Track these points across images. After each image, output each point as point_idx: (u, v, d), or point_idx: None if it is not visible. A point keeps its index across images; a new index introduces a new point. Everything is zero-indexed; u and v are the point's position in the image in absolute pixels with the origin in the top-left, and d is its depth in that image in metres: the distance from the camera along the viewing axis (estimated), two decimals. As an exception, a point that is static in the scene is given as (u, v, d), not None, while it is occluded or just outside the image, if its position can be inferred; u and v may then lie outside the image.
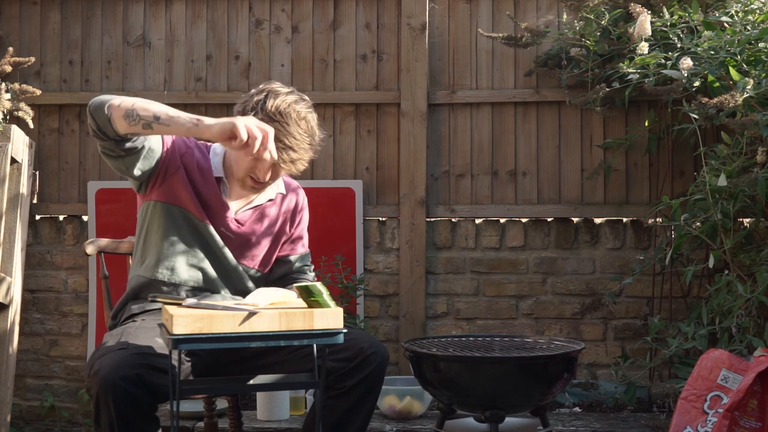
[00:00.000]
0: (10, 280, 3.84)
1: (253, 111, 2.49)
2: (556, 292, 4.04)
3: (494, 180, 4.11)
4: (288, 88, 2.57)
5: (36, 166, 4.21)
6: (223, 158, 2.66)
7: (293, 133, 2.49)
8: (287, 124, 2.49)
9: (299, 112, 2.52)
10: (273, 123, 2.46)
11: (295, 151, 2.51)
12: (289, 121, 2.49)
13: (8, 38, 4.26)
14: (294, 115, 2.50)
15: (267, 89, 2.54)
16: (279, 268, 2.80)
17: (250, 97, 2.54)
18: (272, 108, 2.48)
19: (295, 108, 2.51)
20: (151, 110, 2.37)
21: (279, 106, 2.49)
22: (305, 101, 2.57)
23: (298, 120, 2.51)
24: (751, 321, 3.20)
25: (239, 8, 4.22)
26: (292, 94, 2.55)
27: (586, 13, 3.81)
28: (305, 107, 2.55)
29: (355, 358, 2.48)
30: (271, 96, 2.51)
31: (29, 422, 4.17)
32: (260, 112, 2.48)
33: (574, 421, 3.68)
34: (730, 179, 3.25)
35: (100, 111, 2.39)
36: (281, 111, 2.49)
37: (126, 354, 2.30)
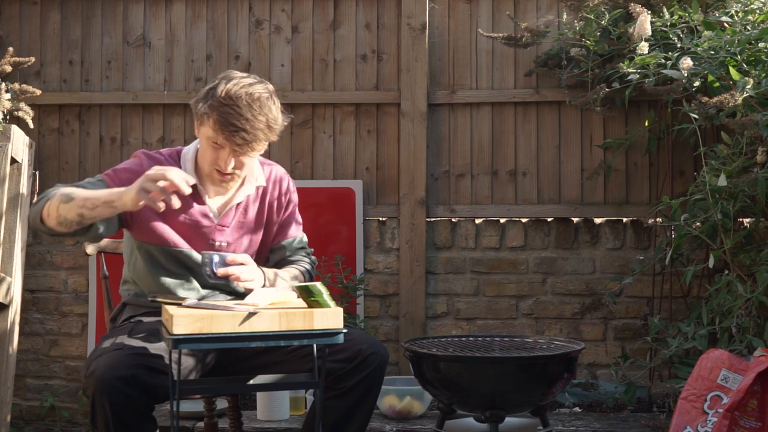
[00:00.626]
0: (10, 280, 3.84)
1: (205, 99, 2.46)
2: (556, 292, 4.04)
3: (494, 180, 4.11)
4: (246, 74, 2.53)
5: (36, 166, 4.21)
6: (194, 161, 2.62)
7: (244, 114, 2.43)
8: (237, 106, 2.43)
9: (252, 93, 2.46)
10: (223, 107, 2.42)
11: (248, 132, 2.44)
12: (239, 103, 2.43)
13: (8, 38, 4.26)
14: (245, 96, 2.44)
15: (222, 76, 2.51)
16: (273, 255, 2.76)
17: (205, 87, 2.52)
18: (222, 93, 2.44)
19: (248, 90, 2.45)
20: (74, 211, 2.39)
21: (230, 90, 2.44)
22: (263, 83, 2.51)
23: (251, 102, 2.44)
24: (751, 321, 3.20)
25: (239, 8, 4.22)
26: (247, 78, 2.50)
27: (586, 13, 3.81)
28: (260, 87, 2.49)
29: (354, 359, 2.47)
30: (224, 81, 2.47)
31: (29, 422, 4.17)
32: (211, 99, 2.45)
33: (574, 421, 3.68)
34: (730, 179, 3.25)
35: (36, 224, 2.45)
36: (231, 94, 2.44)
37: (121, 354, 2.30)
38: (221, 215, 2.64)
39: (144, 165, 2.56)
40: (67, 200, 2.39)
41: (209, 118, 2.45)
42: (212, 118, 2.44)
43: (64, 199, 2.40)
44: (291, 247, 2.77)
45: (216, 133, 2.46)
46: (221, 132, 2.44)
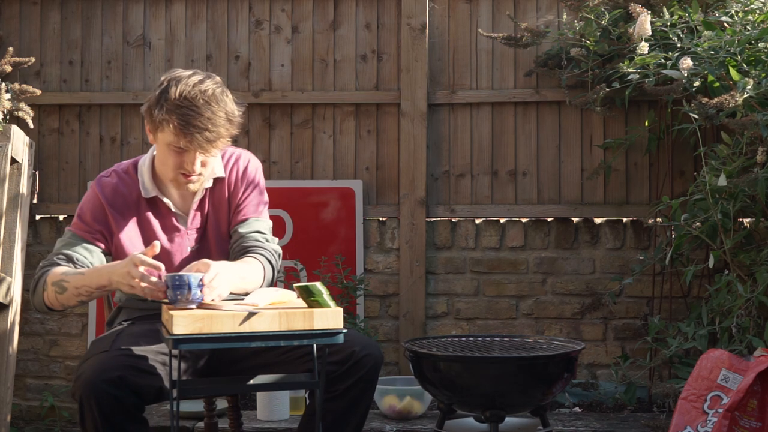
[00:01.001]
0: (10, 280, 3.84)
1: (158, 105, 2.40)
2: (556, 292, 4.04)
3: (494, 180, 4.11)
4: (191, 71, 2.46)
5: (36, 166, 4.21)
6: (152, 172, 2.58)
7: (204, 113, 2.38)
8: (196, 107, 2.37)
9: (205, 91, 2.40)
10: (180, 110, 2.37)
11: (210, 131, 2.39)
12: (197, 103, 2.37)
13: (8, 38, 4.26)
14: (201, 96, 2.38)
15: (168, 78, 2.43)
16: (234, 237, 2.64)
17: (153, 92, 2.43)
18: (176, 96, 2.38)
19: (200, 88, 2.40)
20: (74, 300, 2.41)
21: (183, 92, 2.38)
22: (212, 78, 2.46)
23: (207, 100, 2.39)
24: (751, 321, 3.20)
25: (239, 8, 4.22)
26: (195, 75, 2.43)
27: (586, 13, 3.81)
28: (212, 84, 2.43)
29: (348, 361, 2.43)
30: (173, 84, 2.40)
31: (29, 422, 4.17)
32: (165, 104, 2.39)
33: (574, 421, 3.68)
34: (730, 179, 3.25)
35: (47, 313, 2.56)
36: (186, 96, 2.38)
37: (108, 356, 2.29)
38: (188, 218, 2.60)
39: (100, 197, 2.55)
40: (61, 291, 2.41)
41: (168, 123, 2.39)
42: (172, 123, 2.38)
43: (58, 290, 2.41)
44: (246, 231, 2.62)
45: (177, 137, 2.40)
46: (183, 135, 2.39)
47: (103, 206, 2.55)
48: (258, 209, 2.66)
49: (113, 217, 2.55)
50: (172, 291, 2.20)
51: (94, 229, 2.54)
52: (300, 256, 4.01)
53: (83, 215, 2.56)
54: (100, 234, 2.54)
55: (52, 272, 2.44)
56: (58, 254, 2.50)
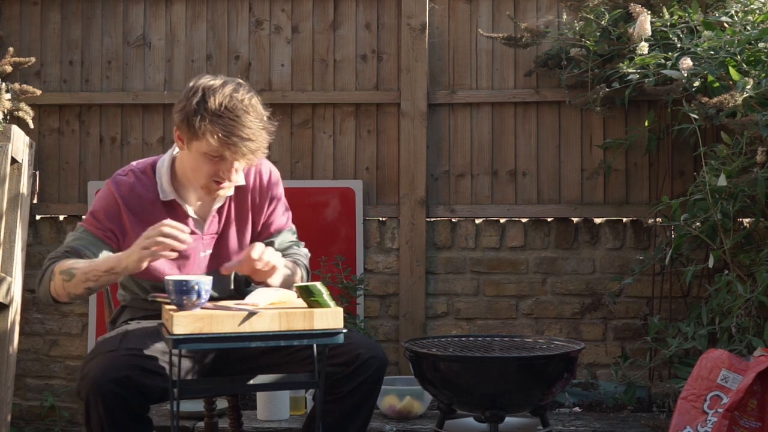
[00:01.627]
0: (10, 280, 3.84)
1: (197, 115, 2.38)
2: (556, 292, 4.04)
3: (494, 180, 4.11)
4: (219, 78, 2.44)
5: (36, 166, 4.21)
6: (170, 175, 2.56)
7: (246, 123, 2.38)
8: (237, 117, 2.37)
9: (243, 100, 2.39)
10: (223, 120, 2.36)
11: (253, 141, 2.39)
12: (238, 113, 2.37)
13: (8, 38, 4.26)
14: (240, 105, 2.38)
15: (201, 87, 2.40)
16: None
17: (187, 101, 2.41)
18: (216, 105, 2.37)
19: (238, 98, 2.39)
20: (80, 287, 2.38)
21: (222, 102, 2.37)
22: (243, 86, 2.44)
23: (246, 109, 2.39)
24: (751, 321, 3.20)
25: (239, 8, 4.22)
26: (228, 84, 2.42)
27: (586, 13, 3.81)
28: (246, 92, 2.42)
29: (353, 363, 2.44)
30: (210, 93, 2.38)
31: (29, 422, 4.17)
32: (206, 114, 2.37)
33: (574, 421, 3.69)
34: (730, 179, 3.25)
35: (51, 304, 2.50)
36: (227, 106, 2.37)
37: (115, 356, 2.29)
38: (205, 223, 2.59)
39: (117, 196, 2.52)
40: (69, 278, 2.38)
41: (212, 134, 2.37)
42: (215, 133, 2.37)
43: (66, 278, 2.39)
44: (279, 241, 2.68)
45: (221, 147, 2.38)
46: (227, 146, 2.38)
47: (119, 205, 2.52)
48: (286, 220, 2.71)
49: (128, 217, 2.52)
50: (177, 295, 2.18)
51: (107, 227, 2.52)
52: (300, 256, 4.01)
53: (96, 212, 2.54)
54: (111, 233, 2.52)
55: (60, 263, 2.44)
56: (67, 248, 2.50)
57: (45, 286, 2.46)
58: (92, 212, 2.56)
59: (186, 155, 2.49)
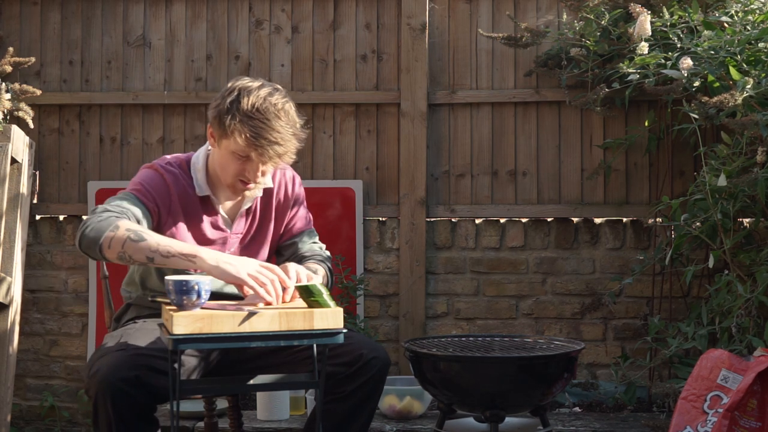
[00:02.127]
0: (10, 280, 3.84)
1: (229, 114, 2.41)
2: (556, 292, 4.04)
3: (494, 180, 4.11)
4: (258, 81, 2.48)
5: (36, 166, 4.21)
6: (206, 171, 2.59)
7: (276, 127, 2.41)
8: (267, 119, 2.40)
9: (276, 104, 2.43)
10: (253, 121, 2.39)
11: (281, 145, 2.43)
12: (269, 116, 2.41)
13: (8, 38, 4.26)
14: (272, 108, 2.42)
15: (238, 87, 2.45)
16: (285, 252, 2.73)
17: (222, 99, 2.45)
18: (248, 106, 2.40)
19: (271, 101, 2.43)
20: (144, 253, 2.31)
21: (255, 104, 2.41)
22: (279, 91, 2.49)
23: (277, 113, 2.42)
24: (751, 321, 3.20)
25: (239, 8, 4.22)
26: (264, 87, 2.46)
27: (586, 13, 3.81)
28: (281, 97, 2.46)
29: (355, 364, 2.45)
30: (244, 94, 2.43)
31: (29, 422, 4.17)
32: (237, 113, 2.40)
33: (574, 421, 3.69)
34: (730, 179, 3.25)
35: (91, 252, 2.35)
36: (258, 108, 2.41)
37: (125, 355, 2.30)
38: (233, 222, 2.64)
39: (166, 179, 2.53)
40: (138, 239, 2.31)
41: (240, 134, 2.40)
42: (244, 134, 2.40)
43: (134, 237, 2.31)
44: (302, 241, 2.73)
45: (248, 147, 2.42)
46: (254, 148, 2.41)
47: (168, 186, 2.53)
48: (308, 222, 2.76)
49: (176, 201, 2.54)
50: (178, 295, 2.18)
51: (156, 202, 2.50)
52: (300, 256, 4.01)
53: (147, 185, 2.51)
54: (157, 208, 2.51)
55: (125, 220, 2.36)
56: (125, 210, 2.41)
57: (100, 232, 2.32)
58: (141, 183, 2.51)
59: (216, 153, 2.53)
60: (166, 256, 2.31)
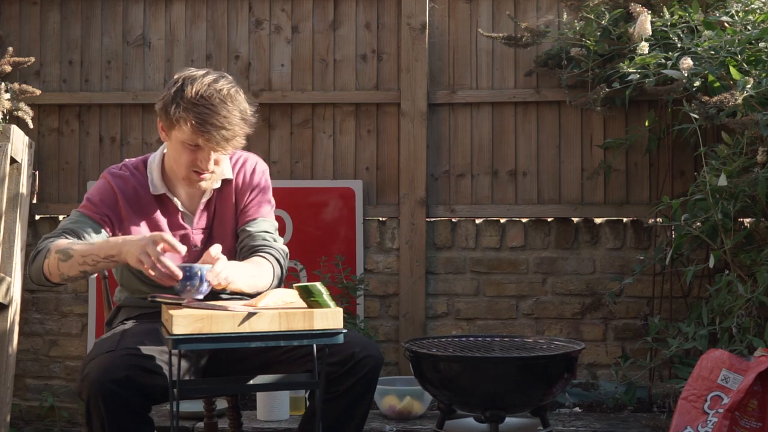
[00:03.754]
0: (10, 280, 3.84)
1: (173, 103, 2.42)
2: (556, 292, 4.04)
3: (494, 180, 4.11)
4: (203, 70, 2.49)
5: (36, 166, 4.21)
6: (161, 169, 2.59)
7: (221, 112, 2.41)
8: (213, 105, 2.41)
9: (221, 90, 2.43)
10: (198, 108, 2.40)
11: (228, 129, 2.42)
12: (213, 101, 2.40)
13: (8, 38, 4.26)
14: (217, 95, 2.42)
15: (182, 77, 2.46)
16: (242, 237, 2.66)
17: (167, 91, 2.46)
18: (192, 94, 2.41)
19: (215, 87, 2.43)
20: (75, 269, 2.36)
21: (199, 90, 2.42)
22: (225, 78, 2.49)
23: (223, 98, 2.42)
24: (752, 321, 3.20)
25: (239, 8, 4.22)
26: (209, 75, 2.47)
27: (586, 13, 3.81)
28: (226, 83, 2.46)
29: (348, 363, 2.44)
30: (188, 83, 2.43)
31: (29, 422, 4.17)
32: (182, 102, 2.41)
33: (574, 421, 3.68)
34: (731, 179, 3.25)
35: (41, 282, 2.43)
36: (202, 94, 2.41)
37: (114, 356, 2.29)
38: (195, 217, 2.62)
39: (114, 186, 2.55)
40: (66, 258, 2.36)
41: (186, 121, 2.41)
42: (189, 121, 2.40)
43: (63, 257, 2.36)
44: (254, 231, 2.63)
45: (195, 135, 2.42)
46: (200, 133, 2.41)
47: (116, 194, 2.55)
48: (265, 210, 2.68)
49: (124, 206, 2.55)
50: (181, 282, 2.22)
51: (103, 213, 2.52)
52: (300, 256, 4.01)
53: (92, 198, 2.55)
54: (108, 218, 2.53)
55: (57, 242, 2.41)
56: (64, 229, 2.47)
57: (39, 263, 2.41)
58: (88, 198, 2.56)
59: (169, 146, 2.54)
60: (93, 265, 2.35)
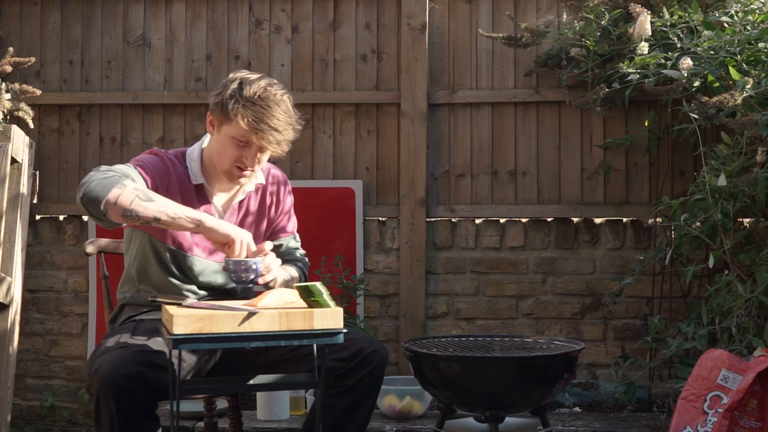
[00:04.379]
0: (10, 280, 3.84)
1: (232, 99, 2.51)
2: (556, 292, 4.04)
3: (494, 180, 4.11)
4: (257, 74, 2.61)
5: (36, 166, 4.21)
6: (200, 161, 2.66)
7: (276, 114, 2.52)
8: (269, 106, 2.51)
9: (276, 94, 2.55)
10: (255, 107, 2.50)
11: (280, 132, 2.53)
12: (270, 103, 2.52)
13: (8, 38, 4.26)
14: (273, 97, 2.53)
15: (239, 77, 2.56)
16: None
17: (224, 88, 2.55)
18: (251, 93, 2.51)
19: (271, 91, 2.54)
20: (151, 211, 2.38)
21: (257, 92, 2.52)
22: (277, 84, 2.60)
23: (277, 102, 2.54)
24: (751, 321, 3.20)
25: (239, 8, 4.22)
26: (264, 79, 2.58)
27: (586, 13, 3.81)
28: (279, 89, 2.58)
29: (355, 358, 2.50)
30: (246, 83, 2.54)
31: (29, 422, 4.17)
32: (240, 99, 2.50)
33: (574, 421, 3.69)
34: (730, 179, 3.25)
35: (94, 206, 2.37)
36: (260, 95, 2.51)
37: (126, 352, 2.30)
38: (226, 214, 2.69)
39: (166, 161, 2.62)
40: (146, 199, 2.38)
41: (243, 118, 2.49)
42: (246, 117, 2.49)
43: (143, 197, 2.38)
44: (285, 247, 2.82)
45: (249, 131, 2.51)
46: (255, 132, 2.50)
47: (168, 168, 2.61)
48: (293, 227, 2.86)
49: (171, 183, 2.60)
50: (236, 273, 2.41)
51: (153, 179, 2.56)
52: (300, 256, 4.01)
53: (145, 164, 2.58)
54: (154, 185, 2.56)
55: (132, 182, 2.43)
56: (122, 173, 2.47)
57: (104, 188, 2.37)
58: (140, 163, 2.59)
59: (214, 140, 2.61)
60: (173, 217, 2.40)
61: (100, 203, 2.36)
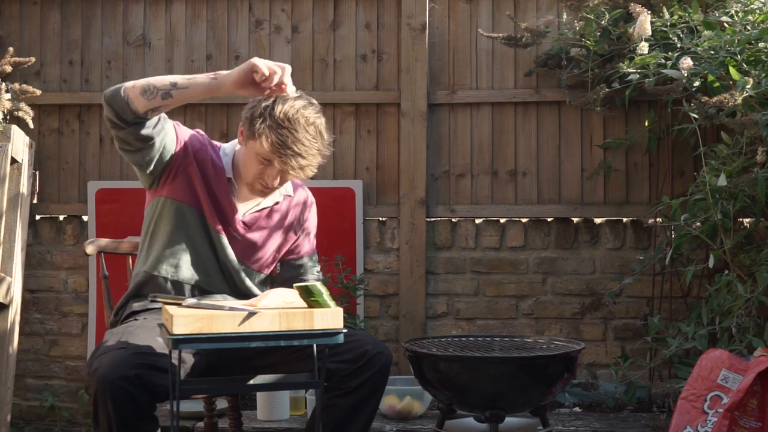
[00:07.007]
0: (10, 280, 3.84)
1: (261, 117, 2.47)
2: (556, 292, 4.04)
3: (494, 180, 4.11)
4: (298, 93, 2.55)
5: (36, 166, 4.21)
6: (232, 160, 2.67)
7: (302, 139, 2.47)
8: (296, 130, 2.46)
9: (307, 117, 2.49)
10: (281, 129, 2.45)
11: (304, 158, 2.48)
12: (297, 127, 2.46)
13: (8, 38, 4.26)
14: (302, 120, 2.48)
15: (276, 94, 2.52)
16: (285, 270, 2.81)
17: (257, 103, 2.52)
18: (280, 114, 2.46)
19: (303, 113, 2.48)
20: (168, 79, 2.44)
21: (287, 112, 2.46)
22: (313, 105, 2.54)
23: (306, 126, 2.48)
24: (751, 321, 3.20)
25: (239, 8, 4.22)
26: (300, 99, 2.52)
27: (586, 13, 3.81)
28: (313, 112, 2.52)
29: (360, 360, 2.50)
30: (279, 101, 2.48)
31: (29, 422, 4.17)
32: (268, 118, 2.46)
33: (574, 421, 3.69)
34: (730, 179, 3.25)
35: (116, 97, 2.43)
36: (289, 117, 2.46)
37: (125, 354, 2.30)
38: (246, 214, 2.68)
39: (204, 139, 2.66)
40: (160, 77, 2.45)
41: (267, 138, 2.46)
42: (270, 138, 2.46)
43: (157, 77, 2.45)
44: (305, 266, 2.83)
45: (272, 153, 2.48)
46: (278, 155, 2.47)
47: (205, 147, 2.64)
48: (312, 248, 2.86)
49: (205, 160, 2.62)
50: None
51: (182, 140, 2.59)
52: (300, 256, 4.01)
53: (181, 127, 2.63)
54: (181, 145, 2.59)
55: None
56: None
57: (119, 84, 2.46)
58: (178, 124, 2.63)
59: (242, 151, 2.61)
60: (189, 78, 2.46)
61: (119, 90, 2.43)
